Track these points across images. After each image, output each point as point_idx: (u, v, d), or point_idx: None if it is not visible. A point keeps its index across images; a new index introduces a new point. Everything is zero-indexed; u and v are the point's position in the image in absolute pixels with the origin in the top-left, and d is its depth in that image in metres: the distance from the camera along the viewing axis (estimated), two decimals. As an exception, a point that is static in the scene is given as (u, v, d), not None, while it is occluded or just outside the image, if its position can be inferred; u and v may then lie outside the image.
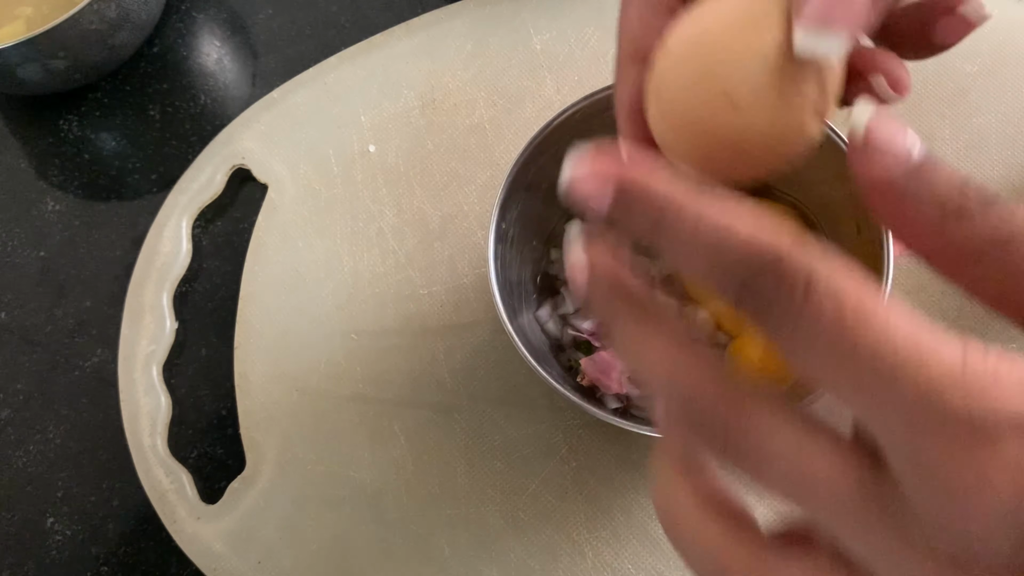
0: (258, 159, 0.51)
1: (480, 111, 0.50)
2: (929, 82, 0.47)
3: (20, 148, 0.56)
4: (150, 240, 0.49)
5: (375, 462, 0.43)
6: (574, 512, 0.41)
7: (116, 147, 0.55)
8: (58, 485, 0.46)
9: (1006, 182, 0.45)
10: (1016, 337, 0.42)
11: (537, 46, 0.51)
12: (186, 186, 0.51)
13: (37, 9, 0.55)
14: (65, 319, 0.50)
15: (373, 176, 0.49)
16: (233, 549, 0.42)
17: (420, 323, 0.45)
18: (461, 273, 0.46)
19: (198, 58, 0.58)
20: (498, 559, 0.40)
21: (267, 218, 0.49)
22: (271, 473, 0.43)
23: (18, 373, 0.49)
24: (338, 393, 0.44)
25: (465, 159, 0.49)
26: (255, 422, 0.44)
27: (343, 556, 0.41)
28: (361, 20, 0.57)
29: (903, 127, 0.19)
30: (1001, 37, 0.48)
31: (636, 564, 0.40)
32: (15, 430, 0.48)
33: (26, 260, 0.52)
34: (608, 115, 0.24)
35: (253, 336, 0.46)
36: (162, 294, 0.48)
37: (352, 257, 0.47)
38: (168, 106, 0.56)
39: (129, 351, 0.47)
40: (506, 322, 0.36)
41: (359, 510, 0.42)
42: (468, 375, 0.44)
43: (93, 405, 0.48)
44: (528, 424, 0.42)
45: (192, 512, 0.43)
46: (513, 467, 0.42)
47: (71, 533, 0.45)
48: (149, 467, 0.44)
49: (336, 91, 0.52)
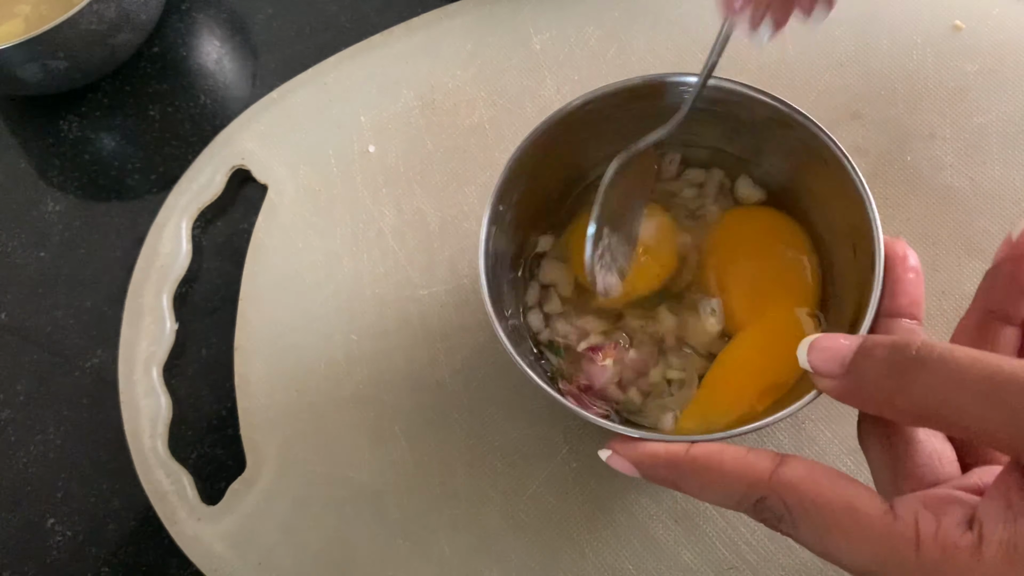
0: (258, 159, 0.51)
1: (480, 111, 0.50)
2: (930, 81, 0.47)
3: (20, 148, 0.56)
4: (150, 240, 0.49)
5: (375, 463, 0.43)
6: (574, 512, 0.41)
7: (116, 147, 0.55)
8: (58, 486, 0.46)
9: (1006, 181, 0.44)
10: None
11: (537, 46, 0.51)
12: (186, 186, 0.50)
13: (35, 8, 0.55)
14: (65, 319, 0.50)
15: (373, 176, 0.49)
16: (233, 550, 0.42)
17: (420, 324, 0.45)
18: (461, 273, 0.46)
19: (198, 58, 0.58)
20: (498, 559, 0.40)
21: (267, 219, 0.49)
22: (271, 474, 0.43)
23: (18, 373, 0.49)
24: (338, 394, 0.44)
25: (465, 159, 0.49)
26: (255, 423, 0.44)
27: (343, 557, 0.41)
28: (361, 20, 0.57)
29: (827, 344, 0.27)
30: (1002, 36, 0.48)
31: (636, 564, 0.40)
32: (15, 430, 0.48)
33: (26, 260, 0.52)
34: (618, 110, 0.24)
35: (253, 337, 0.46)
36: (162, 295, 0.48)
37: (352, 258, 0.47)
38: (168, 106, 0.56)
39: (129, 352, 0.47)
40: (498, 329, 0.36)
41: (359, 511, 0.42)
42: (468, 375, 0.44)
43: (93, 406, 0.48)
44: (528, 424, 0.42)
45: (192, 513, 0.43)
46: (513, 467, 0.42)
47: (71, 534, 0.45)
48: (149, 468, 0.44)
49: (336, 91, 0.52)
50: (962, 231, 0.44)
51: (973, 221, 0.44)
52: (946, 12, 0.48)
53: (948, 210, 0.44)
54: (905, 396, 0.24)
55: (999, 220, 0.44)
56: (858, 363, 0.25)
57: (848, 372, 0.26)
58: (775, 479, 0.26)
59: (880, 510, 0.24)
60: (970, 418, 0.22)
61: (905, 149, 0.46)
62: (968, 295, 0.43)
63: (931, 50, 0.48)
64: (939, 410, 0.23)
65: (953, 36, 0.48)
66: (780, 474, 0.26)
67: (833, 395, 0.27)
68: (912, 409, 0.24)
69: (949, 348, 0.23)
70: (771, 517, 0.26)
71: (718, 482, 0.27)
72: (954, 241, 0.44)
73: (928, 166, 0.45)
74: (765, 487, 0.26)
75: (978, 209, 0.44)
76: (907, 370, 0.24)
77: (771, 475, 0.26)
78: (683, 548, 0.40)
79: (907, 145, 0.46)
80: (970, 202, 0.44)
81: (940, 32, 0.48)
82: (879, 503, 0.24)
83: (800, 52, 0.49)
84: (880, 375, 0.25)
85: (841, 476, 0.25)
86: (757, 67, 0.48)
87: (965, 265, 0.43)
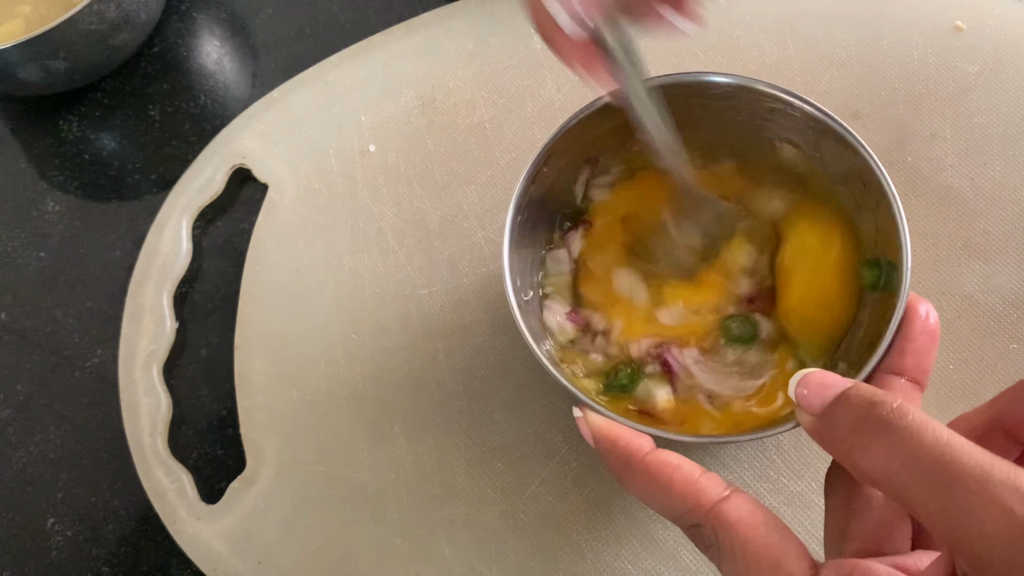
0: (258, 159, 0.51)
1: (480, 110, 0.50)
2: (931, 82, 0.47)
3: (20, 148, 0.56)
4: (150, 240, 0.49)
5: (375, 462, 0.43)
6: (574, 512, 0.41)
7: (116, 147, 0.55)
8: (58, 486, 0.46)
9: (1007, 182, 0.44)
10: (1018, 337, 0.42)
11: (537, 45, 0.51)
12: (186, 186, 0.50)
13: (35, 8, 0.55)
14: (65, 319, 0.50)
15: (373, 176, 0.49)
16: (233, 549, 0.42)
17: (420, 323, 0.45)
18: (461, 273, 0.46)
19: (198, 58, 0.58)
20: (498, 559, 0.40)
21: (267, 218, 0.49)
22: (271, 473, 0.43)
23: (18, 373, 0.49)
24: (338, 393, 0.44)
25: (465, 159, 0.49)
26: (255, 422, 0.44)
27: (343, 556, 0.41)
28: (361, 20, 0.57)
29: (816, 380, 0.26)
30: (1003, 37, 0.48)
31: (636, 564, 0.40)
32: (15, 430, 0.48)
33: (26, 260, 0.52)
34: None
35: (253, 336, 0.46)
36: (162, 294, 0.48)
37: (352, 257, 0.47)
38: (168, 106, 0.56)
39: (129, 351, 0.47)
40: (514, 306, 0.36)
41: (359, 510, 0.42)
42: (468, 375, 0.44)
43: (93, 405, 0.48)
44: (528, 424, 0.42)
45: (192, 512, 0.43)
46: (513, 467, 0.42)
47: (72, 534, 0.45)
48: (149, 467, 0.44)
49: (336, 91, 0.52)
50: (962, 232, 0.44)
51: (974, 222, 0.44)
52: (947, 13, 0.48)
53: (948, 211, 0.44)
54: (862, 454, 0.23)
55: (1000, 221, 0.44)
56: (834, 407, 0.25)
57: (823, 414, 0.25)
58: (715, 511, 0.26)
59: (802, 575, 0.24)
60: (914, 500, 0.22)
61: (906, 149, 0.46)
62: (968, 296, 0.43)
63: (932, 51, 0.48)
64: (890, 479, 0.22)
65: (954, 37, 0.48)
66: (721, 508, 0.26)
67: (807, 431, 0.26)
68: (867, 469, 0.23)
69: (920, 421, 0.22)
70: (701, 543, 0.26)
71: (662, 495, 0.27)
72: (954, 242, 0.44)
73: (929, 166, 0.45)
74: (703, 516, 0.26)
75: (979, 210, 0.44)
76: (872, 429, 0.23)
77: (713, 506, 0.26)
78: (682, 548, 0.40)
79: (908, 145, 0.46)
80: (971, 203, 0.44)
81: (941, 33, 0.48)
82: (805, 569, 0.24)
83: (801, 52, 0.49)
84: (847, 426, 0.24)
85: (779, 528, 0.25)
86: (758, 67, 0.48)
87: (965, 266, 0.43)
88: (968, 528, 0.20)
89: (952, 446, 0.21)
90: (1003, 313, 0.42)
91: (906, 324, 0.32)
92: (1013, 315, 0.42)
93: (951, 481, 0.21)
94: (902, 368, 0.31)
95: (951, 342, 0.42)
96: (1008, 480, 0.20)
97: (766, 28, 0.49)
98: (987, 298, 0.42)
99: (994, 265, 0.43)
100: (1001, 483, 0.20)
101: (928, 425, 0.22)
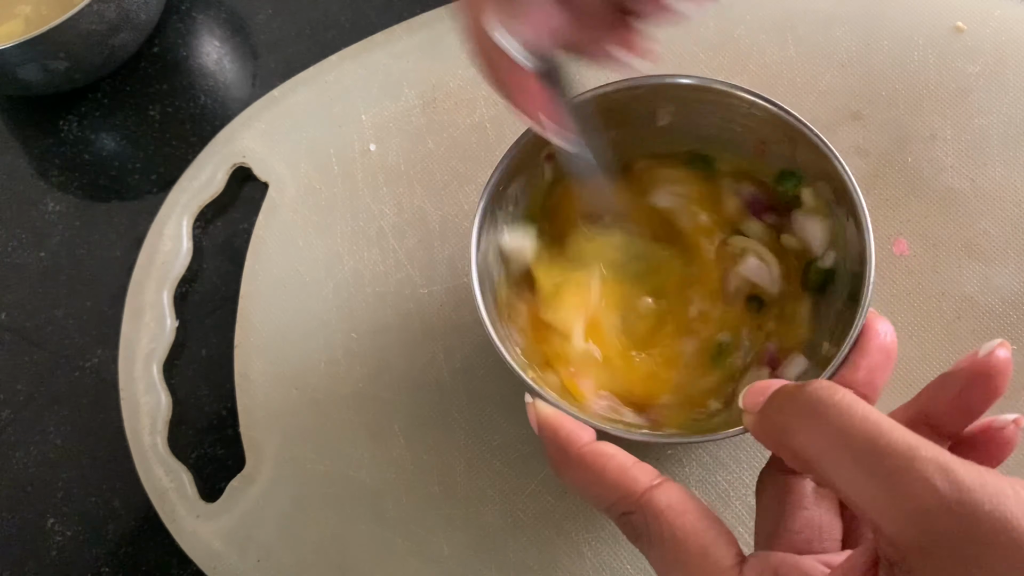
0: (259, 158, 0.51)
1: (481, 110, 0.50)
2: (931, 82, 0.47)
3: (20, 148, 0.56)
4: (150, 239, 0.49)
5: (375, 461, 0.43)
6: (574, 512, 0.41)
7: (116, 147, 0.55)
8: (58, 485, 0.46)
9: (1007, 183, 0.44)
10: (1019, 338, 0.42)
11: (537, 46, 0.51)
12: (186, 185, 0.50)
13: (36, 8, 0.55)
14: (65, 319, 0.50)
15: (374, 175, 0.49)
16: (233, 548, 0.42)
17: (420, 322, 0.45)
18: (461, 273, 0.46)
19: (198, 58, 0.58)
20: (497, 559, 0.40)
21: (267, 217, 0.49)
22: (271, 472, 0.43)
23: (18, 373, 0.49)
24: (338, 392, 0.44)
25: (466, 158, 0.49)
26: (255, 421, 0.44)
27: (342, 555, 0.41)
28: (361, 20, 0.57)
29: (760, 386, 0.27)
30: (1003, 38, 0.48)
31: (635, 564, 0.40)
32: (15, 430, 0.48)
33: (26, 260, 0.52)
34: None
35: (253, 335, 0.46)
36: (162, 293, 0.48)
37: (352, 256, 0.47)
38: (168, 106, 0.56)
39: (129, 350, 0.47)
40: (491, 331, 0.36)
41: (359, 509, 0.42)
42: (468, 375, 0.44)
43: (93, 405, 0.48)
44: (527, 424, 0.42)
45: (192, 511, 0.43)
46: (513, 467, 0.42)
47: (71, 533, 0.45)
48: (149, 466, 0.44)
49: (337, 90, 0.52)
50: (962, 232, 0.44)
51: (974, 223, 0.44)
52: (948, 13, 0.48)
53: (949, 211, 0.44)
54: (793, 435, 0.23)
55: (1000, 222, 0.44)
56: (770, 400, 0.25)
57: (760, 409, 0.25)
58: (645, 498, 0.26)
59: (729, 563, 0.24)
60: (843, 480, 0.21)
61: (906, 150, 0.46)
62: (968, 297, 0.43)
63: (932, 51, 0.48)
64: (820, 459, 0.22)
65: (955, 37, 0.48)
66: (652, 495, 0.26)
67: (750, 431, 0.26)
68: (797, 453, 0.23)
69: (849, 400, 0.22)
70: (631, 532, 0.27)
71: (594, 485, 0.27)
72: (954, 242, 0.44)
73: (929, 167, 0.45)
74: (634, 504, 0.26)
75: (979, 210, 0.44)
76: (802, 412, 0.23)
77: (644, 492, 0.26)
78: (683, 548, 0.39)
79: (908, 146, 0.46)
80: (971, 203, 0.44)
81: (942, 33, 0.48)
82: (731, 557, 0.24)
83: (801, 52, 0.49)
84: (779, 410, 0.24)
85: (708, 517, 0.25)
86: (758, 67, 0.48)
87: (965, 266, 0.43)
88: (894, 505, 0.20)
89: (880, 425, 0.21)
90: (1003, 314, 0.42)
91: (863, 339, 0.32)
92: (1013, 316, 0.42)
93: (879, 458, 0.21)
94: (853, 381, 0.31)
95: (951, 343, 0.42)
96: (934, 458, 0.20)
97: (766, 28, 0.49)
98: (987, 299, 0.42)
99: (994, 266, 0.43)
100: (927, 460, 0.20)
101: (857, 404, 0.22)
